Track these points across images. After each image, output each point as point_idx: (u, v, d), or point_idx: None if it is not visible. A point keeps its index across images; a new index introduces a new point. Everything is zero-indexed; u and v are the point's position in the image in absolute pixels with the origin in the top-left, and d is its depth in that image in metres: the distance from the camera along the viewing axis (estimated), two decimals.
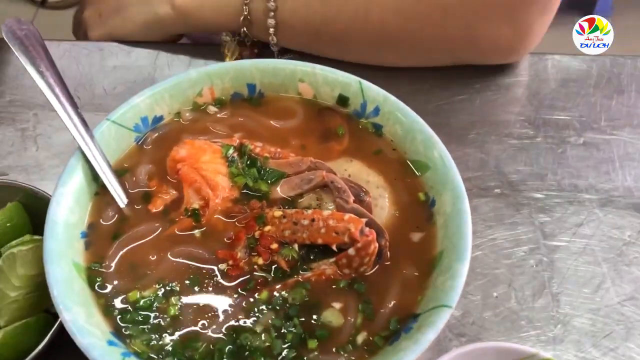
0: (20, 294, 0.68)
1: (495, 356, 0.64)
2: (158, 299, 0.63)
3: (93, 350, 0.56)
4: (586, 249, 0.80)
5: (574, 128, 0.93)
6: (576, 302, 0.76)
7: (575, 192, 0.86)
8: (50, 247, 0.62)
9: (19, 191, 0.74)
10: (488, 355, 0.64)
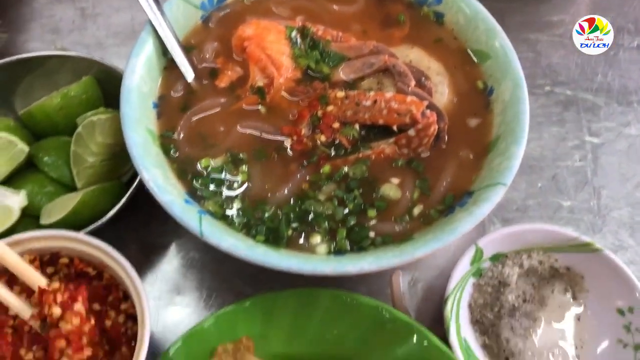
0: (97, 160, 0.73)
1: (539, 237, 0.69)
2: (228, 166, 0.68)
3: (173, 207, 0.61)
4: (631, 148, 0.83)
5: (629, 31, 0.93)
6: (616, 196, 0.79)
7: (625, 93, 0.87)
8: (127, 113, 0.66)
9: (93, 65, 0.77)
10: (533, 235, 0.69)
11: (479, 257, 0.67)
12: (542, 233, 0.68)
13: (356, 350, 0.63)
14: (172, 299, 0.73)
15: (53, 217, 0.68)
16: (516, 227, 0.68)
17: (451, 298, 0.65)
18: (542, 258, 0.69)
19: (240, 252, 0.59)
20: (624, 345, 0.65)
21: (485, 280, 0.68)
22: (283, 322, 0.64)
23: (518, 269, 0.69)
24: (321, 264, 0.60)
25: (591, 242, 0.67)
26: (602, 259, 0.66)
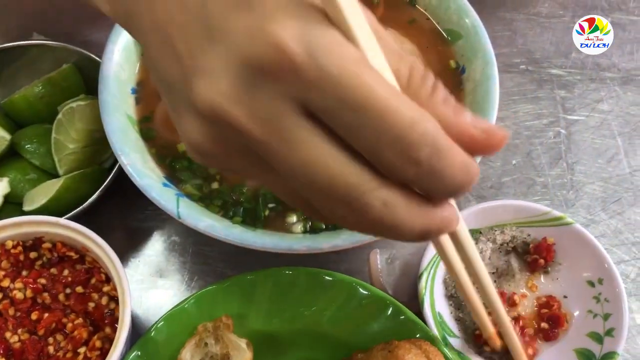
0: (77, 146, 0.74)
1: (511, 213, 0.71)
2: None
3: (151, 190, 0.62)
4: (603, 123, 0.84)
5: (602, 8, 0.94)
6: (589, 171, 0.81)
7: (598, 70, 0.89)
8: (105, 99, 0.67)
9: (73, 54, 0.78)
10: (505, 211, 0.71)
11: None
12: (514, 208, 0.70)
13: (334, 326, 0.65)
14: (155, 282, 0.74)
15: (36, 203, 0.70)
16: (488, 203, 0.69)
17: (425, 274, 0.66)
18: (515, 233, 0.71)
19: (217, 233, 0.61)
20: (594, 315, 0.67)
21: None
22: (261, 301, 0.66)
23: (491, 244, 0.70)
24: (296, 242, 0.61)
25: (562, 215, 0.68)
26: (573, 232, 0.68)
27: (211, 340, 0.62)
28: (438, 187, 0.31)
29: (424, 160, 0.30)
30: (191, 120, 0.33)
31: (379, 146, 0.30)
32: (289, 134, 0.31)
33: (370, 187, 0.31)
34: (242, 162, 0.35)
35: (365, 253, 0.74)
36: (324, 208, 0.33)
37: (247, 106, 0.31)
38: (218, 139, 0.33)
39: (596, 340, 0.65)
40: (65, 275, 0.65)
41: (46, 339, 0.63)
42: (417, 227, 0.32)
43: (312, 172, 0.31)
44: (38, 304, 0.64)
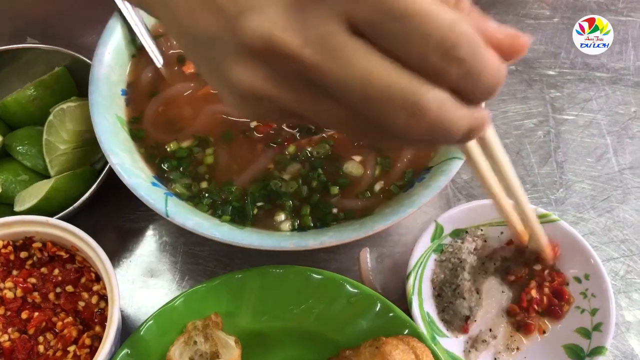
0: (68, 147, 0.75)
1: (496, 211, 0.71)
2: (195, 149, 0.70)
3: (139, 189, 0.63)
4: (592, 123, 0.85)
5: (591, 9, 0.95)
6: (579, 170, 0.81)
7: (587, 70, 0.89)
8: (96, 100, 0.68)
9: (66, 57, 0.79)
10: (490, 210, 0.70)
11: (439, 234, 0.69)
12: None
13: (322, 324, 0.65)
14: (146, 281, 0.75)
15: (27, 203, 0.70)
16: (473, 202, 0.70)
17: (413, 273, 0.67)
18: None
19: (205, 231, 0.61)
20: (581, 311, 0.67)
21: (446, 256, 0.70)
22: (250, 299, 0.66)
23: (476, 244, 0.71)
24: (284, 239, 0.62)
25: (548, 213, 0.69)
26: (559, 230, 0.68)
27: (200, 338, 0.63)
28: (477, 86, 0.34)
29: (466, 57, 0.32)
30: (243, 64, 0.35)
31: (425, 50, 0.32)
32: (341, 51, 0.32)
33: (425, 89, 0.33)
34: (298, 96, 0.36)
35: (355, 252, 0.74)
36: (385, 121, 0.34)
37: (299, 32, 0.32)
38: (274, 75, 0.35)
39: (584, 335, 0.65)
40: (56, 274, 0.65)
41: (36, 337, 0.63)
42: (465, 124, 0.34)
43: (369, 83, 0.32)
44: (28, 303, 0.65)
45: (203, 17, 0.35)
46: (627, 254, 0.76)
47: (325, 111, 0.36)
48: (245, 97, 0.36)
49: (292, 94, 0.36)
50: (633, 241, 0.76)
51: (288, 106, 0.36)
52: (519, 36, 0.37)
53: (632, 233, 0.77)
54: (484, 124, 0.36)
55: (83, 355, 0.62)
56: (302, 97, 0.36)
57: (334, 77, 0.33)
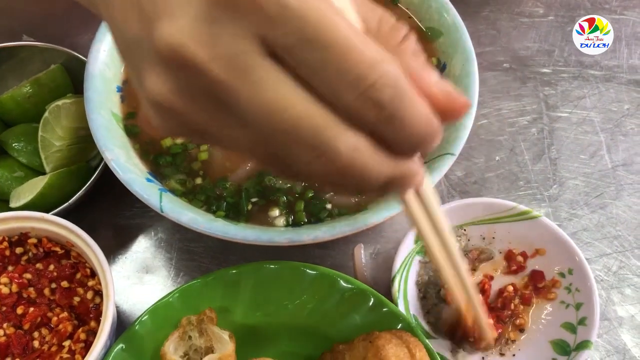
0: (64, 144, 0.75)
1: (478, 210, 0.71)
2: (189, 145, 0.70)
3: (134, 185, 0.63)
4: (586, 120, 0.85)
5: (585, 8, 0.95)
6: (572, 167, 0.82)
7: (581, 67, 0.90)
8: (91, 97, 0.68)
9: (62, 54, 0.79)
10: (472, 209, 0.71)
11: None
12: (481, 206, 0.70)
13: (316, 319, 0.66)
14: (142, 278, 0.75)
15: (22, 200, 0.71)
16: (454, 203, 0.70)
17: (398, 276, 0.67)
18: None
19: (199, 226, 0.61)
20: (566, 305, 0.67)
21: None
22: (245, 294, 0.66)
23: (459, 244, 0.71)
24: (278, 234, 0.62)
25: (529, 209, 0.69)
26: (541, 226, 0.69)
27: (195, 333, 0.63)
28: (400, 136, 0.31)
29: (386, 102, 0.29)
30: (153, 71, 0.32)
31: (341, 86, 0.29)
32: (252, 73, 0.30)
33: (338, 130, 0.30)
34: (205, 114, 0.33)
35: (350, 248, 0.74)
36: (290, 156, 0.32)
37: (209, 45, 0.30)
38: (180, 88, 0.32)
39: (570, 330, 0.65)
40: (51, 270, 0.66)
41: (31, 333, 0.64)
42: (383, 174, 0.32)
43: (277, 113, 0.30)
44: (23, 298, 0.65)
45: (131, 17, 0.33)
46: (620, 250, 0.76)
47: (232, 134, 0.34)
48: (156, 108, 0.34)
49: (200, 112, 0.33)
50: (626, 237, 0.77)
51: (197, 124, 0.34)
52: (457, 97, 0.33)
53: (625, 229, 0.77)
54: (412, 177, 0.34)
55: (78, 349, 0.62)
56: (209, 116, 0.33)
57: (240, 100, 0.30)
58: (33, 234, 0.66)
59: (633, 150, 0.83)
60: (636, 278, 0.74)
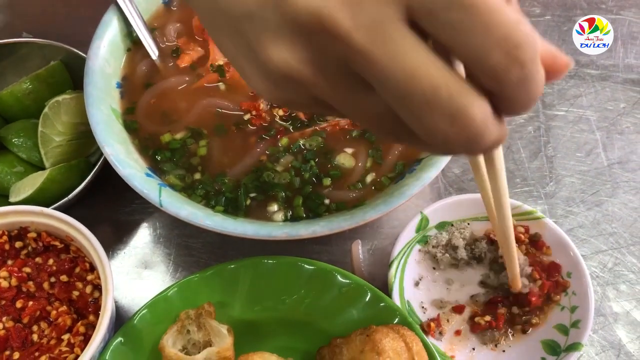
0: (63, 139, 0.75)
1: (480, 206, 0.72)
2: (188, 141, 0.70)
3: (133, 179, 0.63)
4: (582, 118, 0.86)
5: (581, 8, 0.96)
6: (569, 164, 0.83)
7: (577, 67, 0.91)
8: (91, 92, 0.69)
9: (61, 51, 0.80)
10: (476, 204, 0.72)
11: (424, 225, 0.70)
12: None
13: (314, 314, 0.66)
14: (140, 273, 0.75)
15: (22, 194, 0.71)
16: (459, 196, 0.71)
17: (395, 262, 0.68)
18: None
19: (198, 220, 0.62)
20: (561, 308, 0.68)
21: (429, 248, 0.71)
22: (243, 289, 0.67)
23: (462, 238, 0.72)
24: (276, 229, 0.62)
25: (533, 210, 0.70)
26: (543, 227, 0.69)
27: (193, 327, 0.63)
28: (524, 97, 0.31)
29: (527, 61, 0.30)
30: (282, 42, 0.32)
31: (488, 46, 0.29)
32: (392, 41, 0.30)
33: (473, 98, 0.30)
34: (333, 85, 0.33)
35: (348, 244, 0.75)
36: (421, 123, 0.31)
37: (352, 13, 0.30)
38: (313, 58, 0.32)
39: (562, 332, 0.66)
40: (50, 264, 0.66)
41: (30, 326, 0.64)
42: (494, 137, 0.32)
43: (416, 79, 0.30)
44: (23, 292, 0.65)
45: None
46: (615, 247, 0.77)
47: (359, 105, 0.34)
48: (278, 79, 0.34)
49: (329, 82, 0.33)
50: (621, 234, 0.77)
51: (322, 94, 0.34)
52: (561, 57, 0.34)
53: (620, 226, 0.78)
54: (505, 137, 0.35)
55: (77, 343, 0.62)
56: (339, 86, 0.33)
57: (379, 67, 0.30)
58: (32, 228, 0.67)
59: (629, 148, 0.84)
60: (631, 274, 0.75)
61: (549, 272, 0.68)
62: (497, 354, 0.67)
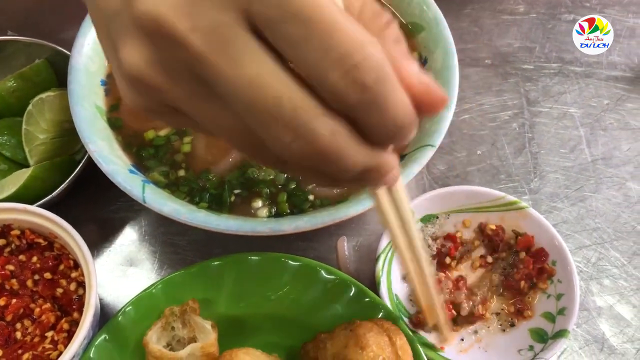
0: (47, 137, 0.75)
1: (466, 198, 0.72)
2: (172, 138, 0.70)
3: (117, 176, 0.63)
4: (566, 115, 0.87)
5: (565, 5, 0.97)
6: (553, 160, 0.83)
7: (561, 64, 0.91)
8: (74, 90, 0.69)
9: (46, 49, 0.80)
10: (460, 197, 0.72)
11: None
12: (469, 194, 0.71)
13: (299, 309, 0.66)
14: (125, 271, 0.75)
15: (5, 192, 0.71)
16: (443, 189, 0.71)
17: (382, 256, 0.68)
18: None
19: (182, 216, 0.62)
20: (547, 296, 0.68)
21: None
22: (228, 286, 0.67)
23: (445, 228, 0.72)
24: (260, 224, 0.62)
25: (516, 200, 0.70)
26: (527, 217, 0.70)
27: (178, 324, 0.63)
28: (379, 122, 0.30)
29: (369, 85, 0.29)
30: (131, 43, 0.31)
31: (324, 64, 0.28)
32: (233, 47, 0.29)
33: (318, 112, 0.30)
34: (182, 90, 0.32)
35: (333, 241, 0.75)
36: (269, 136, 0.31)
37: (191, 16, 0.29)
38: (158, 60, 0.31)
39: (549, 319, 0.66)
40: (34, 261, 0.66)
41: (14, 324, 0.64)
42: (360, 162, 0.31)
43: (258, 90, 0.29)
44: (6, 290, 0.65)
45: None
46: (598, 242, 0.77)
47: (214, 116, 0.33)
48: (132, 82, 0.33)
49: (179, 88, 0.32)
50: (605, 229, 0.78)
51: (174, 101, 0.33)
52: (436, 91, 0.33)
53: (603, 222, 0.79)
54: (387, 169, 0.33)
55: (61, 340, 0.62)
56: (188, 92, 0.32)
57: (221, 74, 0.29)
58: (16, 226, 0.67)
59: (612, 144, 0.84)
60: (615, 269, 0.75)
61: (536, 257, 0.69)
62: (485, 343, 0.67)
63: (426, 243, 0.71)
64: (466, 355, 0.66)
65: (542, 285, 0.69)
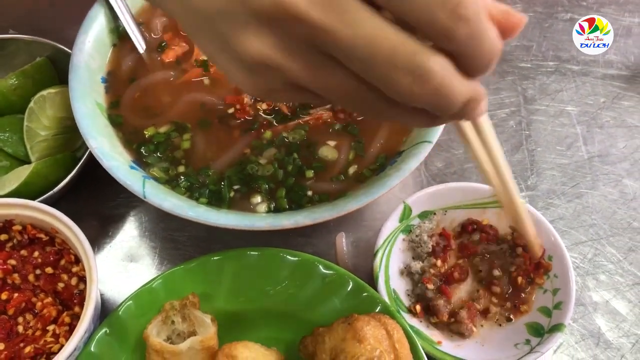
0: (49, 133, 0.76)
1: (462, 194, 0.73)
2: (172, 134, 0.71)
3: (118, 171, 0.64)
4: (563, 112, 0.87)
5: (562, 5, 0.98)
6: (549, 158, 0.84)
7: (558, 62, 0.92)
8: (75, 87, 0.69)
9: (47, 47, 0.80)
10: (457, 193, 0.73)
11: (407, 215, 0.71)
12: (465, 190, 0.72)
13: (297, 304, 0.67)
14: (126, 266, 0.76)
15: (7, 188, 0.71)
16: (440, 185, 0.72)
17: (380, 251, 0.69)
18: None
19: (181, 211, 0.62)
20: (544, 291, 0.69)
21: (412, 237, 0.72)
22: (227, 281, 0.67)
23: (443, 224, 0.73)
24: (259, 220, 0.63)
25: None
26: None
27: (178, 318, 0.64)
28: (479, 52, 0.34)
29: (471, 17, 0.33)
30: (251, 33, 0.36)
31: (433, 8, 0.32)
32: (347, 13, 0.33)
33: (429, 53, 0.34)
34: (304, 65, 0.36)
35: (332, 237, 0.76)
36: (388, 84, 0.35)
37: None
38: (281, 43, 0.36)
39: (545, 314, 0.67)
40: (35, 256, 0.67)
41: (16, 318, 0.65)
42: (465, 93, 0.35)
43: (375, 45, 0.33)
44: (8, 284, 0.66)
45: None
46: (595, 238, 0.78)
47: (331, 81, 0.37)
48: (254, 68, 0.37)
49: (300, 63, 0.36)
50: (601, 225, 0.79)
51: (296, 77, 0.37)
52: (514, 15, 0.37)
53: (600, 218, 0.79)
54: (482, 98, 0.37)
55: (62, 333, 0.63)
56: (309, 65, 0.37)
57: (340, 39, 0.34)
58: (17, 221, 0.67)
59: (608, 142, 0.85)
60: (610, 265, 0.76)
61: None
62: (482, 337, 0.68)
63: (422, 240, 0.72)
64: (463, 349, 0.67)
65: (539, 280, 0.69)
